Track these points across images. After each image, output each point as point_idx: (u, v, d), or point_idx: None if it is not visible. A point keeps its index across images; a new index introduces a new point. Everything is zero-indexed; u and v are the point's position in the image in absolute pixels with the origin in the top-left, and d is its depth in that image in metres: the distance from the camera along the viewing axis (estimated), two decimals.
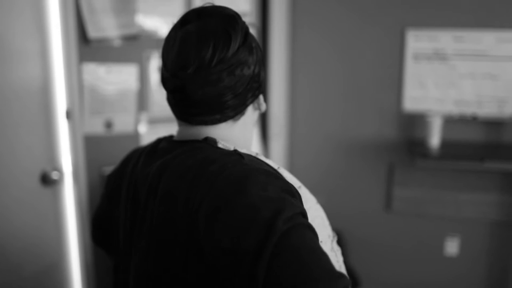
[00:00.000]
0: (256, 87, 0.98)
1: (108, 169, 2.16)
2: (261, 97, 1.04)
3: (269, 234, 0.75)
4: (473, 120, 2.53)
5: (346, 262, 3.11)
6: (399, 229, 2.76)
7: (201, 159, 0.89)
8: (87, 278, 2.17)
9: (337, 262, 1.03)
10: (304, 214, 0.83)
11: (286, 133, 2.73)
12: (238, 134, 1.01)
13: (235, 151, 0.93)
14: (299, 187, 0.95)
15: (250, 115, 1.03)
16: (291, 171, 2.79)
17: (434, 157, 2.37)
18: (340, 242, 2.97)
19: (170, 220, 0.89)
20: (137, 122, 2.20)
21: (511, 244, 2.63)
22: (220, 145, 0.95)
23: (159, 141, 1.09)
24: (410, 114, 2.60)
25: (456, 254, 2.71)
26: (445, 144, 2.48)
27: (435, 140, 2.43)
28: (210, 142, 0.96)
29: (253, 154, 0.97)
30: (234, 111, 0.97)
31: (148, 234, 0.96)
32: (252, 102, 0.99)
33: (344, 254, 3.19)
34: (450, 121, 2.54)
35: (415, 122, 2.60)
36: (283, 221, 0.76)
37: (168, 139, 1.05)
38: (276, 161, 2.69)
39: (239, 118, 0.99)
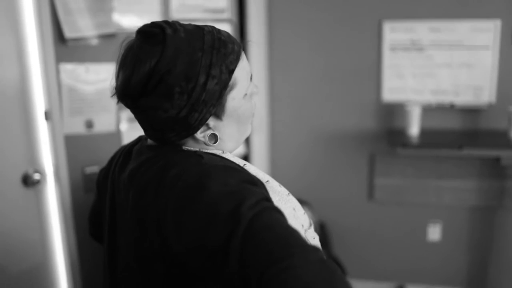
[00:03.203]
0: (193, 120, 0.91)
1: (90, 169, 2.16)
2: (250, 85, 0.98)
3: (235, 223, 0.75)
4: (451, 108, 2.57)
5: (331, 251, 3.13)
6: (382, 217, 2.80)
7: (162, 165, 0.90)
8: (73, 278, 2.18)
9: None
10: (268, 199, 0.83)
11: (267, 126, 2.75)
12: (227, 130, 0.97)
13: (196, 152, 0.93)
14: (267, 181, 0.96)
15: (236, 109, 0.95)
16: (273, 164, 2.81)
17: (414, 145, 2.41)
18: (324, 233, 2.98)
19: (143, 234, 0.90)
20: (118, 120, 2.20)
21: (490, 227, 2.69)
22: (184, 148, 0.96)
23: (138, 140, 1.10)
24: (389, 105, 2.63)
25: (438, 239, 2.76)
26: (424, 132, 2.51)
27: (414, 129, 2.46)
28: (174, 147, 0.96)
29: (219, 153, 0.97)
30: (179, 136, 0.94)
31: (126, 245, 0.98)
32: (203, 123, 0.92)
33: (329, 244, 3.21)
34: (428, 110, 2.57)
35: (394, 112, 2.63)
36: (247, 208, 0.76)
37: (144, 141, 1.06)
38: (257, 154, 2.71)
39: (207, 126, 0.94)
